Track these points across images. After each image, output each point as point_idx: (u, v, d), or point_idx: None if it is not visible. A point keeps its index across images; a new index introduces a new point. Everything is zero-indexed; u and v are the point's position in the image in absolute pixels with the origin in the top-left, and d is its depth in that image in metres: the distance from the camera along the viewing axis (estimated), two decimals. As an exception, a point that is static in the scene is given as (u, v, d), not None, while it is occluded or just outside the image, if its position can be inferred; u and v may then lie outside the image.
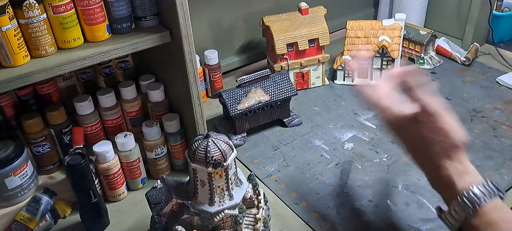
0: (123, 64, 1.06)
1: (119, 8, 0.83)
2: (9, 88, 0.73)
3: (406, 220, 0.87)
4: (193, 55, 0.86)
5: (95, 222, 0.88)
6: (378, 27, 1.28)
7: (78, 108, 0.93)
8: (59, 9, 0.76)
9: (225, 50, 1.42)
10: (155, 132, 0.95)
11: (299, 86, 1.32)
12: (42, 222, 0.86)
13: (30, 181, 0.88)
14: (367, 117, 1.18)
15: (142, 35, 0.84)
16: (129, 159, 0.93)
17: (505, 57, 1.40)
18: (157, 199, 0.80)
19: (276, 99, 1.12)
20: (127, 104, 0.99)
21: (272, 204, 0.93)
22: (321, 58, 1.29)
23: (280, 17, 1.28)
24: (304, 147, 1.09)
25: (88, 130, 0.95)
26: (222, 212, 0.77)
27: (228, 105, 1.07)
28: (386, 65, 1.29)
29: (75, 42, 0.80)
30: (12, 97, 0.91)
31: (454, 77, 1.33)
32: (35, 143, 0.90)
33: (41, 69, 0.74)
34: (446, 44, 1.44)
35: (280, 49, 1.23)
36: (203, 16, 1.31)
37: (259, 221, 0.82)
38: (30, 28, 0.74)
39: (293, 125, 1.17)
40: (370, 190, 0.95)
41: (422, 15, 1.56)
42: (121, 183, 0.94)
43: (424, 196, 0.92)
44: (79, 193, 0.84)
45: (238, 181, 0.81)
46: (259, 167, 1.04)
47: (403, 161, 1.02)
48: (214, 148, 0.72)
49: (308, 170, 1.01)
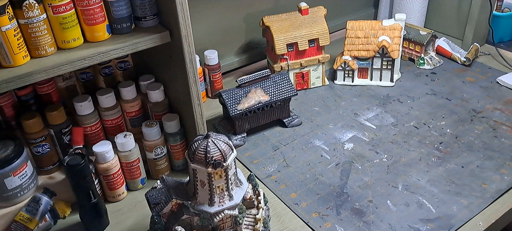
0: (123, 64, 1.06)
1: (119, 8, 0.83)
2: (9, 88, 0.73)
3: (406, 220, 0.87)
4: (193, 55, 0.86)
5: (95, 223, 0.88)
6: (378, 27, 1.27)
7: (78, 108, 0.93)
8: (59, 9, 0.76)
9: (225, 50, 1.42)
10: (155, 132, 0.95)
11: (299, 87, 1.32)
12: (42, 222, 0.86)
13: (29, 181, 0.88)
14: (367, 117, 1.18)
15: (142, 35, 0.84)
16: (129, 159, 0.93)
17: (505, 58, 1.40)
18: (156, 199, 0.80)
19: (276, 99, 1.12)
20: (127, 104, 0.99)
21: (272, 204, 0.93)
22: (321, 59, 1.29)
23: (280, 17, 1.27)
24: (304, 147, 1.09)
25: (88, 130, 0.95)
26: (222, 213, 0.77)
27: (228, 106, 1.07)
28: (386, 66, 1.29)
29: (75, 42, 0.80)
30: (12, 97, 0.91)
31: (454, 78, 1.33)
32: (35, 143, 0.90)
33: (41, 69, 0.74)
34: (446, 44, 1.44)
35: (280, 49, 1.23)
36: (203, 16, 1.31)
37: (259, 222, 0.82)
38: (30, 28, 0.74)
39: (293, 125, 1.17)
40: (370, 190, 0.95)
41: (422, 15, 1.56)
42: (121, 183, 0.94)
43: (424, 196, 0.92)
44: (78, 193, 0.84)
45: (238, 181, 0.81)
46: (259, 167, 1.04)
47: (403, 161, 1.02)
48: (214, 148, 0.72)
49: (308, 170, 1.01)
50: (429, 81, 1.33)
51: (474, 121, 1.14)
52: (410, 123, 1.15)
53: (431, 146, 1.06)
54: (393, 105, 1.22)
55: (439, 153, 1.04)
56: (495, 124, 1.12)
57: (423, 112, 1.18)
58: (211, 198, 0.76)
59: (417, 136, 1.10)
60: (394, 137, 1.10)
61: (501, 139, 1.07)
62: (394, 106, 1.22)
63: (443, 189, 0.94)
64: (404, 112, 1.19)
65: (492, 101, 1.21)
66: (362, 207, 0.91)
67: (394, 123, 1.15)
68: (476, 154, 1.03)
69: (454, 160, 1.02)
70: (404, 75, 1.36)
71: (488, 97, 1.23)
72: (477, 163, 1.00)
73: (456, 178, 0.96)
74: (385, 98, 1.26)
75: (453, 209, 0.89)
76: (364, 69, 1.32)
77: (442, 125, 1.13)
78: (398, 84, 1.32)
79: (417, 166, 1.01)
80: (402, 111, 1.20)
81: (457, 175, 0.97)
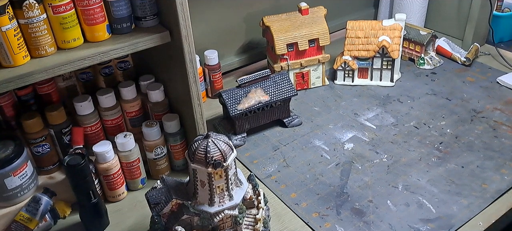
0: (123, 64, 1.06)
1: (119, 8, 0.83)
2: (9, 88, 0.73)
3: (406, 220, 0.87)
4: (193, 55, 0.86)
5: (95, 223, 0.88)
6: (378, 27, 1.27)
7: (78, 108, 0.93)
8: (59, 9, 0.76)
9: (225, 50, 1.42)
10: (155, 132, 0.95)
11: (299, 87, 1.32)
12: (42, 222, 0.86)
13: (29, 181, 0.88)
14: (367, 117, 1.18)
15: (142, 35, 0.84)
16: (129, 159, 0.93)
17: (505, 58, 1.40)
18: (157, 200, 0.80)
19: (276, 99, 1.12)
20: (127, 104, 0.99)
21: (272, 204, 0.93)
22: (321, 59, 1.29)
23: (280, 17, 1.27)
24: (304, 147, 1.09)
25: (88, 130, 0.95)
26: (222, 213, 0.77)
27: (228, 106, 1.07)
28: (386, 66, 1.29)
29: (75, 42, 0.80)
30: (12, 97, 0.91)
31: (454, 78, 1.33)
32: (35, 143, 0.90)
33: (41, 69, 0.74)
34: (446, 44, 1.44)
35: (280, 49, 1.23)
36: (203, 16, 1.31)
37: (259, 222, 0.82)
38: (30, 28, 0.74)
39: (293, 125, 1.17)
40: (370, 190, 0.95)
41: (422, 15, 1.56)
42: (121, 183, 0.94)
43: (424, 196, 0.92)
44: (79, 193, 0.84)
45: (238, 181, 0.81)
46: (259, 167, 1.04)
47: (403, 161, 1.02)
48: (214, 148, 0.72)
49: (308, 170, 1.01)
50: (429, 81, 1.33)
51: (474, 121, 1.14)
52: (410, 123, 1.15)
53: (431, 146, 1.06)
54: (393, 105, 1.22)
55: (439, 153, 1.04)
56: (495, 124, 1.12)
57: (423, 112, 1.18)
58: (211, 198, 0.76)
59: (417, 136, 1.10)
60: (394, 137, 1.10)
61: (501, 139, 1.07)
62: (394, 106, 1.22)
63: (443, 189, 0.94)
64: (404, 112, 1.19)
65: (492, 101, 1.21)
66: (362, 207, 0.91)
67: (394, 123, 1.15)
68: (476, 154, 1.03)
69: (454, 160, 1.02)
70: (404, 75, 1.36)
71: (488, 97, 1.23)
72: (477, 163, 1.00)
73: (456, 178, 0.96)
74: (385, 98, 1.26)
75: (453, 209, 0.89)
76: (364, 69, 1.32)
77: (442, 125, 1.13)
78: (398, 84, 1.32)
79: (417, 166, 1.01)
80: (402, 111, 1.20)
81: (457, 175, 0.97)
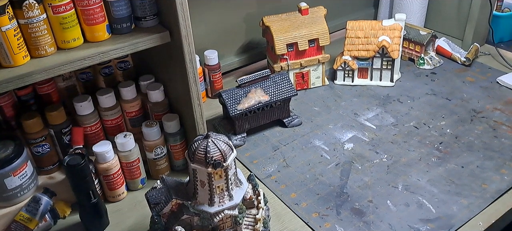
0: (123, 64, 1.06)
1: (119, 8, 0.83)
2: (9, 88, 0.73)
3: (406, 220, 0.87)
4: (193, 55, 0.86)
5: (95, 223, 0.88)
6: (378, 28, 1.27)
7: (78, 108, 0.93)
8: (59, 9, 0.76)
9: (225, 50, 1.42)
10: (155, 132, 0.95)
11: (299, 87, 1.32)
12: (42, 222, 0.86)
13: (29, 181, 0.88)
14: (367, 117, 1.18)
15: (142, 35, 0.84)
16: (128, 159, 0.93)
17: (505, 58, 1.40)
18: (156, 200, 0.80)
19: (276, 99, 1.12)
20: (127, 104, 0.99)
21: (272, 204, 0.93)
22: (321, 59, 1.29)
23: (280, 17, 1.27)
24: (304, 147, 1.09)
25: (88, 130, 0.95)
26: (222, 213, 0.77)
27: (228, 106, 1.07)
28: (386, 66, 1.29)
29: (75, 42, 0.80)
30: (12, 97, 0.91)
31: (454, 78, 1.33)
32: (35, 143, 0.90)
33: (41, 69, 0.74)
34: (446, 44, 1.44)
35: (280, 50, 1.23)
36: (203, 16, 1.31)
37: (259, 222, 0.82)
38: (30, 28, 0.74)
39: (293, 125, 1.17)
40: (370, 190, 0.95)
41: (422, 15, 1.56)
42: (120, 183, 0.94)
43: (424, 196, 0.92)
44: (78, 193, 0.84)
45: (238, 181, 0.81)
46: (259, 167, 1.04)
47: (403, 161, 1.02)
48: (214, 148, 0.72)
49: (308, 170, 1.01)
50: (429, 81, 1.33)
51: (474, 121, 1.14)
52: (410, 123, 1.15)
53: (431, 146, 1.06)
54: (393, 106, 1.22)
55: (439, 153, 1.04)
56: (495, 124, 1.12)
57: (423, 113, 1.18)
58: (211, 198, 0.76)
59: (417, 136, 1.10)
60: (394, 137, 1.10)
61: (501, 139, 1.07)
62: (394, 107, 1.22)
63: (443, 189, 0.94)
64: (404, 113, 1.19)
65: (492, 102, 1.21)
66: (362, 207, 0.91)
67: (394, 123, 1.15)
68: (476, 154, 1.03)
69: (454, 160, 1.02)
70: (404, 75, 1.36)
71: (488, 97, 1.23)
72: (477, 163, 1.00)
73: (456, 178, 0.96)
74: (385, 98, 1.26)
75: (453, 209, 0.89)
76: (364, 69, 1.32)
77: (442, 125, 1.13)
78: (398, 84, 1.32)
79: (417, 166, 1.01)
80: (402, 112, 1.20)
81: (457, 175, 0.97)
